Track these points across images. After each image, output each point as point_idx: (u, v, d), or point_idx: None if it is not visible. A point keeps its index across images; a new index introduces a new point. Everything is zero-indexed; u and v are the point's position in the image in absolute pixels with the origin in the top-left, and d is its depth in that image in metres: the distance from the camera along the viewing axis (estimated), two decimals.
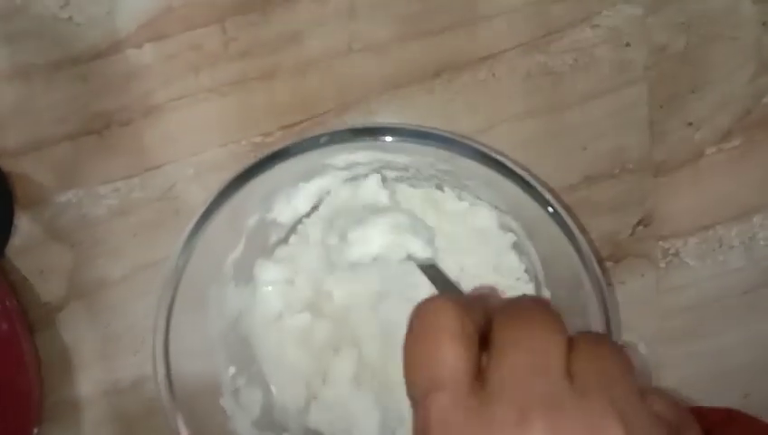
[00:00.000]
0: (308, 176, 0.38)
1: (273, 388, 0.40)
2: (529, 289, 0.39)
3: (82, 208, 0.41)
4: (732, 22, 0.41)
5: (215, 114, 0.41)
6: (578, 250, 0.33)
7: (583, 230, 0.34)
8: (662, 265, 0.43)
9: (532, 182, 0.33)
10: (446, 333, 0.23)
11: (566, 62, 0.41)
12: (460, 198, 0.40)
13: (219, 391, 0.38)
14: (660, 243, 0.43)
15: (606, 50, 0.41)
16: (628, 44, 0.41)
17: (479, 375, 0.23)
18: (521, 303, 0.24)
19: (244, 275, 0.40)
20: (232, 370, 0.39)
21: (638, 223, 0.42)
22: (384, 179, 0.40)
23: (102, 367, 0.42)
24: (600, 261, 0.41)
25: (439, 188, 0.40)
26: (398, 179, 0.40)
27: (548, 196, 0.33)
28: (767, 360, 0.43)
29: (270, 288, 0.40)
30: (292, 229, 0.41)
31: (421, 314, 0.24)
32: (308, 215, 0.40)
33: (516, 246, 0.39)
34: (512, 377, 0.22)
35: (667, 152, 0.42)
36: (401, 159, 0.37)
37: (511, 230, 0.39)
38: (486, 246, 0.39)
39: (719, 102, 0.42)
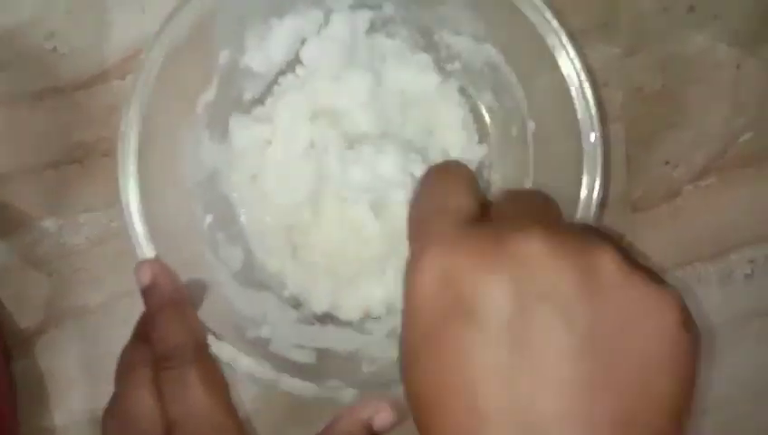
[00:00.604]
0: (279, 8, 0.38)
1: (253, 249, 0.40)
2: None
3: (62, 237, 0.41)
4: (708, 64, 0.42)
5: None
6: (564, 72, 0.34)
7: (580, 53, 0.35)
8: None
9: None
10: (464, 181, 0.27)
11: None
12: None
13: (197, 240, 0.38)
14: None
15: None
16: (606, 84, 0.42)
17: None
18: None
19: (219, 127, 0.39)
20: (209, 218, 0.39)
21: None
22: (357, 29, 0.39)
23: (80, 395, 0.42)
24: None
25: (417, 37, 0.40)
26: (374, 27, 0.40)
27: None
28: (742, 394, 0.43)
29: (247, 147, 0.39)
30: (269, 90, 0.40)
31: (448, 163, 0.30)
32: (283, 72, 0.40)
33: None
34: (507, 209, 0.26)
35: (645, 189, 0.42)
36: None
37: (488, 59, 0.39)
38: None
39: (696, 142, 0.42)
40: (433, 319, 0.22)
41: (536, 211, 0.25)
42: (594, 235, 0.23)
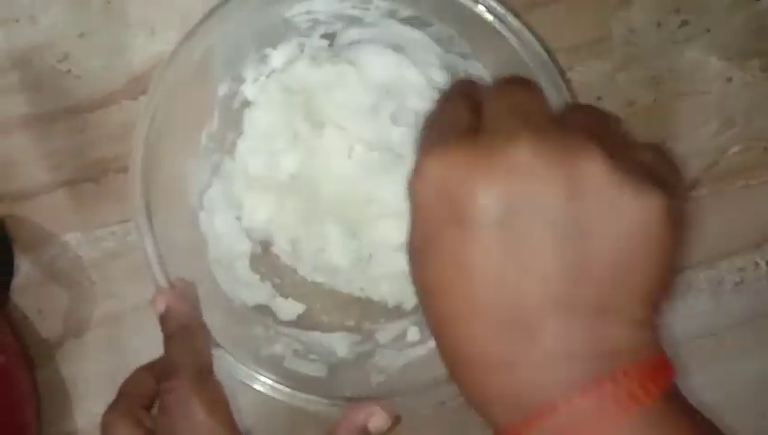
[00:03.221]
0: (272, 38, 0.40)
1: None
2: None
3: (80, 251, 0.43)
4: (698, 78, 0.43)
5: None
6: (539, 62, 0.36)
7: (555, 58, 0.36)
8: None
9: None
10: (461, 97, 0.27)
11: None
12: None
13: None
14: None
15: None
16: (599, 98, 0.43)
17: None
18: (502, 78, 0.28)
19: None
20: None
21: None
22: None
23: (98, 401, 0.44)
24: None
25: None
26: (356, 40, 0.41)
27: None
28: (731, 399, 0.45)
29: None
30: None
31: (454, 84, 0.29)
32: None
33: None
34: (499, 115, 0.26)
35: None
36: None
37: (476, 74, 0.40)
38: None
39: (687, 154, 0.44)
40: (432, 224, 0.25)
41: (524, 107, 0.26)
42: (585, 135, 0.24)
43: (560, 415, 0.23)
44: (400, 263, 0.40)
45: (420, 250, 0.26)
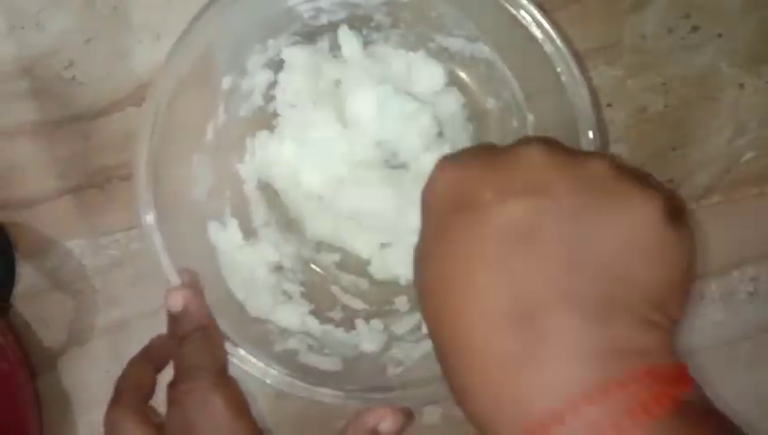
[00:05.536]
0: (275, 28, 0.39)
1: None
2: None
3: (84, 259, 0.43)
4: (710, 84, 0.42)
5: None
6: (563, 68, 0.35)
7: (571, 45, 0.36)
8: None
9: None
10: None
11: None
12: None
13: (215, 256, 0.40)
14: None
15: None
16: (609, 105, 0.42)
17: None
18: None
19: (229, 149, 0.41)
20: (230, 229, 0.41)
21: None
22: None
23: (101, 410, 0.43)
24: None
25: (412, 41, 0.40)
26: (369, 37, 0.41)
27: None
28: (745, 410, 0.44)
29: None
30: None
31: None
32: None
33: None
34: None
35: None
36: None
37: (483, 57, 0.39)
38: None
39: (699, 161, 0.43)
40: (443, 218, 0.25)
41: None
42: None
43: (564, 429, 0.22)
44: None
45: (428, 246, 0.26)
